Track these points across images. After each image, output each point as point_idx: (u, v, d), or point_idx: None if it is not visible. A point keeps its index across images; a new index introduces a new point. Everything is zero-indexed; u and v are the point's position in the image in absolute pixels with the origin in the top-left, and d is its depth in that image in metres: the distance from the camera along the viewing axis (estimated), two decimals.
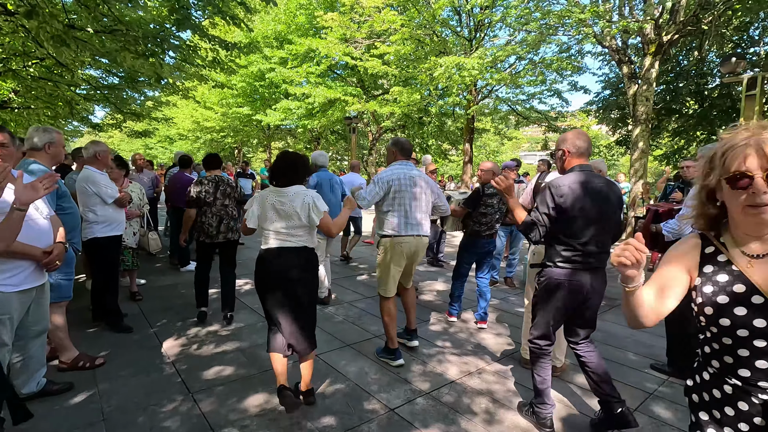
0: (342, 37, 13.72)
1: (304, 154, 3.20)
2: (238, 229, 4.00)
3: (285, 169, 2.52)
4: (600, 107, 16.35)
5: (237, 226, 4.02)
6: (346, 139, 23.07)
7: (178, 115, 23.69)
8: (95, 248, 3.52)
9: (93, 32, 6.31)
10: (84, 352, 3.03)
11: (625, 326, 4.17)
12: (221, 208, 3.92)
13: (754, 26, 13.15)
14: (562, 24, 10.39)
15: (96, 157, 3.54)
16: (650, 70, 10.07)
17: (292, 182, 2.51)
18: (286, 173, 2.51)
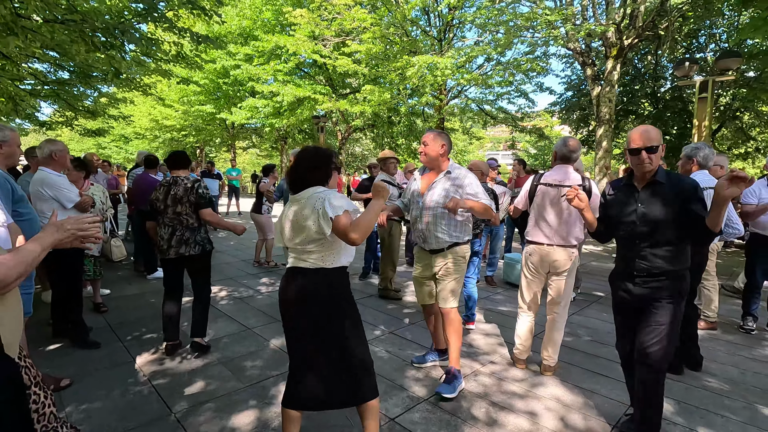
0: (310, 34, 13.43)
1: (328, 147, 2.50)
2: (199, 242, 3.25)
3: (297, 167, 2.02)
4: (563, 108, 16.94)
5: (198, 238, 3.25)
6: (314, 139, 22.69)
7: (135, 112, 22.47)
8: (55, 257, 3.18)
9: (42, 21, 5.81)
10: (47, 373, 2.73)
11: (608, 321, 4.27)
12: (173, 217, 3.19)
13: (701, 33, 14.02)
14: (530, 26, 10.62)
15: (52, 157, 3.21)
16: (612, 73, 10.50)
17: (307, 183, 1.99)
18: (298, 171, 2.00)
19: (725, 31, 13.40)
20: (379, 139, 20.45)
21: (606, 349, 3.58)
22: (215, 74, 17.76)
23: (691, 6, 10.16)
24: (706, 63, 12.79)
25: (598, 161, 11.01)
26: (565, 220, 2.89)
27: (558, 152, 2.97)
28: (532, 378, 3.03)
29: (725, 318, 4.37)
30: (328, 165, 2.02)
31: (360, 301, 4.79)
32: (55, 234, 1.41)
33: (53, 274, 3.29)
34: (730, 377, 3.10)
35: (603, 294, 5.31)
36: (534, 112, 16.40)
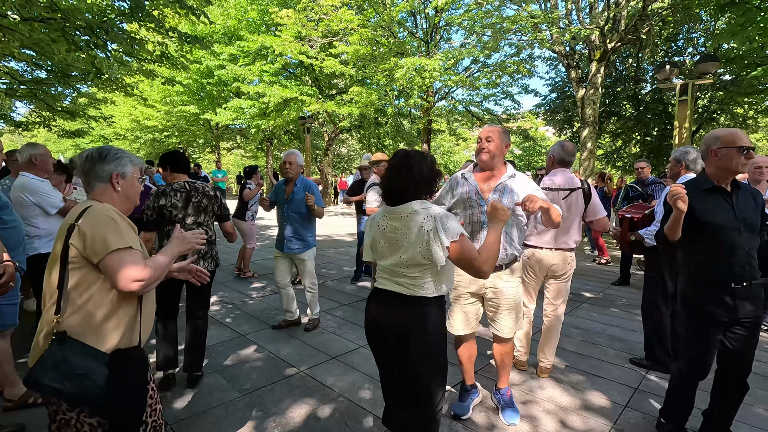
0: (297, 35, 13.34)
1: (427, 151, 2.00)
2: (214, 256, 2.96)
3: (396, 175, 1.73)
4: (548, 109, 17.21)
5: (213, 252, 2.96)
6: (300, 140, 22.54)
7: (116, 113, 21.95)
8: (39, 266, 3.08)
9: (20, 20, 5.62)
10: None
11: (598, 322, 4.34)
12: (193, 228, 2.85)
13: (679, 37, 14.42)
14: (519, 29, 10.76)
15: (32, 161, 3.08)
16: (596, 75, 10.70)
17: (408, 197, 1.72)
18: (398, 182, 1.72)
19: (703, 36, 13.82)
20: (366, 140, 20.42)
21: (598, 350, 3.63)
22: (199, 74, 17.50)
23: (671, 11, 10.42)
24: (684, 66, 13.15)
25: (583, 162, 11.21)
26: (567, 224, 2.92)
27: (556, 156, 3.00)
28: (529, 381, 3.05)
29: None
30: (435, 176, 1.76)
31: (353, 305, 4.77)
32: (180, 246, 1.58)
33: (38, 282, 3.16)
34: None
35: (592, 294, 5.40)
36: (519, 114, 16.64)
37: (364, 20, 11.94)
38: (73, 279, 1.36)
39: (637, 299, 4.79)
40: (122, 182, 1.54)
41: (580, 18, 11.19)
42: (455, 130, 18.38)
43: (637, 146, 16.90)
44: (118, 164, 1.54)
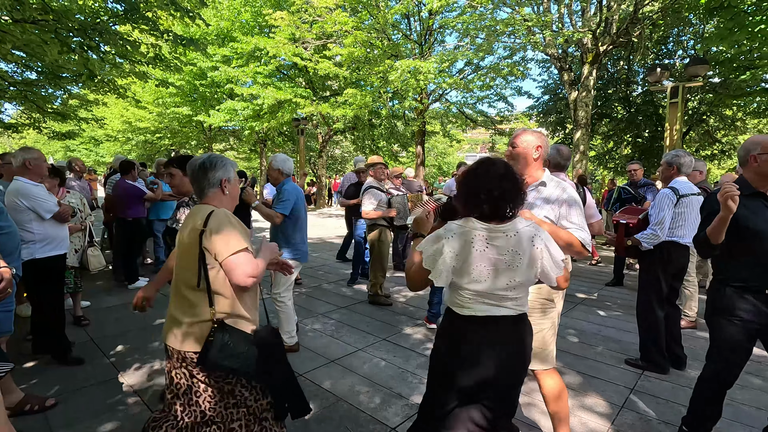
0: (291, 36, 13.32)
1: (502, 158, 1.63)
2: None
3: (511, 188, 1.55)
4: (540, 111, 17.35)
5: None
6: (294, 141, 22.49)
7: (107, 114, 21.75)
8: (34, 271, 3.05)
9: (12, 21, 5.56)
10: (30, 393, 2.61)
11: (593, 323, 4.39)
12: None
13: (669, 40, 14.62)
14: (512, 31, 10.83)
15: (26, 166, 3.06)
16: (588, 78, 10.81)
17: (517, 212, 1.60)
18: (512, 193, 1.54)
19: (692, 39, 14.02)
20: (360, 142, 20.44)
21: (593, 351, 3.67)
22: (192, 75, 17.39)
23: (661, 15, 10.57)
24: (675, 69, 13.34)
25: (576, 164, 11.31)
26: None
27: (552, 161, 3.03)
28: (526, 383, 3.07)
29: (702, 315, 4.55)
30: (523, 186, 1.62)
31: (350, 307, 4.77)
32: (271, 254, 1.82)
33: (33, 287, 3.13)
34: None
35: (586, 296, 5.45)
36: (512, 115, 16.74)
37: (358, 22, 11.96)
38: (212, 276, 1.63)
39: (630, 300, 4.85)
40: (228, 186, 1.80)
41: (573, 21, 11.31)
42: (449, 132, 18.46)
43: (629, 148, 17.09)
44: (225, 171, 1.78)
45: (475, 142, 54.22)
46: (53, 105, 12.68)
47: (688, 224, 3.17)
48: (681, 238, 3.18)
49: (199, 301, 1.64)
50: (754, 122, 16.22)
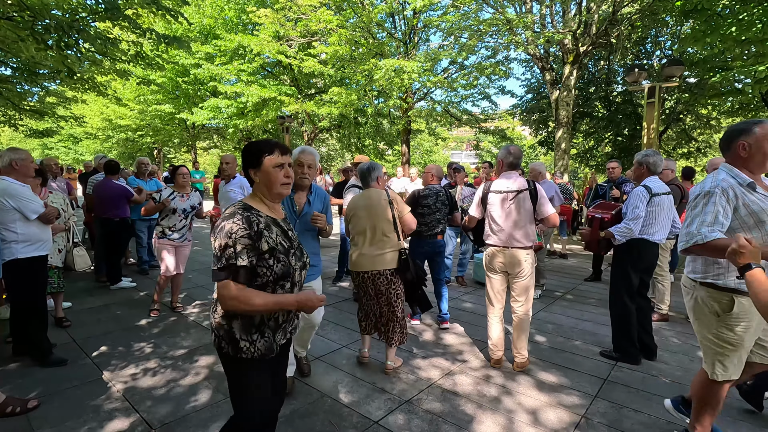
0: (275, 34, 13.23)
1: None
2: None
3: None
4: (524, 110, 17.59)
5: None
6: (280, 139, 22.32)
7: (86, 111, 21.25)
8: (16, 271, 3.03)
9: None
10: (11, 395, 2.60)
11: (571, 317, 4.54)
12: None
13: (647, 41, 14.97)
14: (495, 31, 10.97)
15: (12, 166, 3.05)
16: (570, 78, 11.03)
17: None
18: None
19: (669, 40, 14.39)
20: (346, 140, 20.39)
21: (571, 344, 3.80)
22: (174, 72, 17.12)
23: (639, 16, 10.83)
24: (652, 69, 13.67)
25: (557, 161, 11.54)
26: (517, 223, 3.10)
27: (504, 160, 3.19)
28: (505, 375, 3.19)
29: (673, 309, 4.74)
30: None
31: (335, 305, 4.83)
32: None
33: (13, 288, 3.11)
34: (682, 364, 3.39)
35: (565, 291, 5.61)
36: (496, 114, 16.92)
37: (342, 21, 11.96)
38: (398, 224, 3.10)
39: (608, 294, 5.01)
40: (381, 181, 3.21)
41: (554, 22, 11.51)
42: (434, 130, 18.56)
43: (609, 146, 17.46)
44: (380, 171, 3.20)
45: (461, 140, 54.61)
46: (30, 102, 12.37)
47: (658, 222, 3.31)
48: (651, 235, 3.32)
49: (393, 237, 3.00)
50: (728, 121, 16.72)
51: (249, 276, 1.49)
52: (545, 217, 3.12)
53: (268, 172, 1.59)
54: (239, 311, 1.51)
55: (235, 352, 1.56)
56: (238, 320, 1.56)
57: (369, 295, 3.16)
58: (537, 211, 3.10)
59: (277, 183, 1.61)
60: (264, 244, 1.52)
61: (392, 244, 2.99)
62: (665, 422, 2.56)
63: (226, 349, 1.58)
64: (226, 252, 1.45)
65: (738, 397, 2.73)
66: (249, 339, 1.57)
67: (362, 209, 3.05)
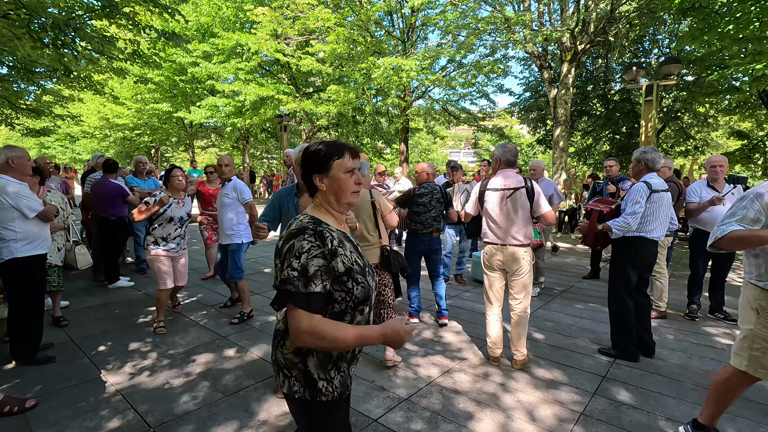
0: (273, 33, 13.21)
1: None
2: None
3: None
4: (522, 108, 17.60)
5: None
6: (278, 138, 22.31)
7: (83, 110, 21.18)
8: (15, 270, 3.02)
9: None
10: (8, 395, 2.59)
11: (570, 315, 4.54)
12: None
13: (645, 39, 14.99)
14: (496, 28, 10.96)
15: (9, 164, 3.03)
16: (567, 76, 11.03)
17: None
18: None
19: (667, 38, 14.41)
20: (344, 139, 20.37)
21: (569, 341, 3.81)
22: (171, 71, 17.07)
23: (637, 14, 10.84)
24: (650, 67, 13.69)
25: (556, 160, 11.55)
26: (514, 221, 3.11)
27: (501, 158, 3.19)
28: (504, 372, 3.19)
29: (671, 306, 4.76)
30: None
31: None
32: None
33: (11, 287, 3.09)
34: (680, 361, 3.40)
35: (564, 288, 5.62)
36: (494, 112, 16.94)
37: (340, 19, 11.94)
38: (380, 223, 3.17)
39: (606, 291, 5.02)
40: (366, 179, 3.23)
41: (552, 20, 11.51)
42: (433, 129, 18.57)
43: (607, 144, 17.49)
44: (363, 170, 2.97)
45: (459, 138, 54.66)
46: (26, 101, 12.32)
47: (657, 219, 3.31)
48: (649, 232, 3.32)
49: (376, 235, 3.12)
50: (726, 119, 16.79)
51: (324, 303, 1.24)
52: (542, 215, 3.12)
53: (338, 179, 1.35)
54: (315, 347, 1.25)
55: (313, 396, 1.30)
56: (314, 356, 1.30)
57: None
58: (534, 208, 3.11)
59: (348, 191, 1.37)
60: (339, 265, 1.26)
61: (375, 241, 3.11)
62: (664, 419, 2.57)
63: (301, 393, 1.30)
64: (296, 276, 1.19)
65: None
66: (327, 377, 1.31)
67: None
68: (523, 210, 3.09)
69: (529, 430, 2.46)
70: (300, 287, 1.19)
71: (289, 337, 1.31)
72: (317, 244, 1.22)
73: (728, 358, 2.26)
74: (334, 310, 1.29)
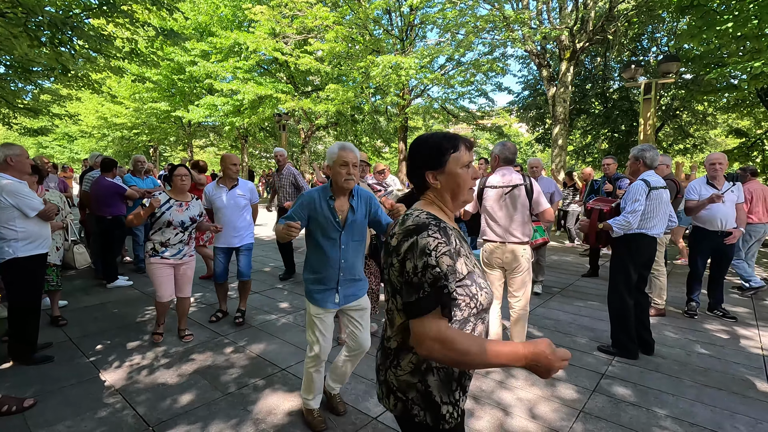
0: (271, 31, 13.17)
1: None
2: None
3: None
4: (521, 107, 17.61)
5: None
6: (276, 137, 22.28)
7: (81, 109, 21.13)
8: (16, 270, 3.00)
9: None
10: (7, 394, 2.59)
11: (569, 312, 4.54)
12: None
13: (644, 37, 14.99)
14: (494, 26, 10.95)
15: (7, 162, 3.01)
16: (566, 74, 11.03)
17: None
18: None
19: (665, 36, 14.41)
20: (343, 138, 20.35)
21: (569, 339, 3.81)
22: (169, 70, 17.02)
23: (635, 12, 10.84)
24: (649, 65, 13.69)
25: (555, 158, 11.55)
26: (513, 219, 3.11)
27: (500, 156, 3.19)
28: (503, 370, 3.19)
29: (670, 303, 4.76)
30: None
31: None
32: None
33: (12, 286, 3.07)
34: (679, 359, 3.40)
35: (564, 287, 5.62)
36: (493, 111, 16.93)
37: (339, 17, 11.91)
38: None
39: (605, 290, 5.02)
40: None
41: (550, 18, 11.50)
42: (431, 128, 18.54)
43: (606, 142, 17.50)
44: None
45: None
46: (24, 100, 12.27)
47: (656, 216, 3.32)
48: (649, 230, 3.33)
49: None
50: (724, 117, 16.81)
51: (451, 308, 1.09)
52: (541, 212, 3.12)
53: (455, 174, 1.21)
54: (441, 359, 1.05)
55: (435, 422, 1.14)
56: (435, 375, 1.14)
57: None
58: (533, 206, 3.10)
59: (466, 187, 1.23)
60: (462, 266, 1.12)
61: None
62: (663, 416, 2.57)
63: (421, 417, 1.14)
64: (426, 275, 1.04)
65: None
66: (451, 400, 1.15)
67: None
68: (522, 207, 3.09)
69: (528, 427, 2.46)
70: (427, 288, 1.04)
71: (404, 356, 1.16)
72: (444, 241, 1.08)
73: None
74: (457, 318, 1.13)
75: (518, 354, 1.02)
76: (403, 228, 1.13)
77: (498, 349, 1.02)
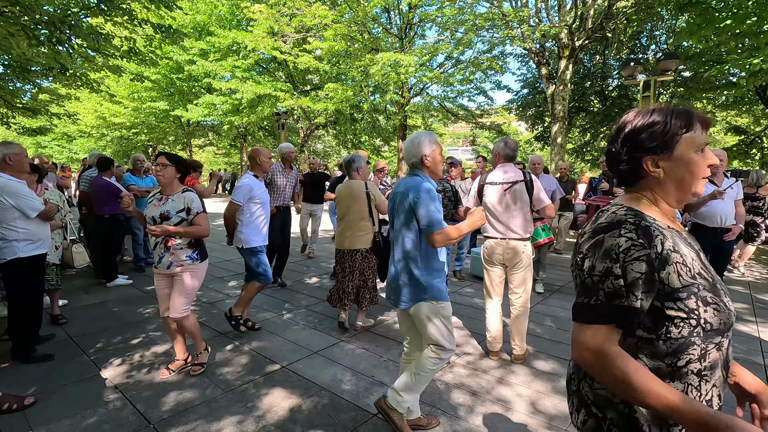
0: (269, 30, 13.16)
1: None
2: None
3: None
4: (520, 105, 17.61)
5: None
6: (275, 136, 22.28)
7: (80, 109, 21.09)
8: (18, 270, 3.00)
9: None
10: (7, 392, 2.58)
11: (568, 309, 4.54)
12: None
13: (642, 35, 15.00)
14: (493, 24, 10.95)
15: (6, 161, 3.00)
16: (565, 72, 11.03)
17: None
18: None
19: (664, 33, 14.42)
20: (342, 136, 20.36)
21: (569, 335, 3.81)
22: (168, 69, 17.00)
23: (634, 10, 10.85)
24: (648, 63, 13.70)
25: (554, 156, 11.56)
26: (514, 215, 3.12)
27: (501, 152, 3.19)
28: (504, 367, 3.20)
29: None
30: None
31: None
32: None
33: (13, 286, 3.07)
34: None
35: (564, 283, 5.63)
36: (492, 109, 16.93)
37: (338, 16, 11.90)
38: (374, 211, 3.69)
39: None
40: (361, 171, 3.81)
41: (549, 16, 11.51)
42: (431, 126, 18.55)
43: (605, 140, 17.50)
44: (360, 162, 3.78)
45: (457, 136, 54.63)
46: (22, 100, 12.24)
47: None
48: None
49: (369, 223, 3.65)
50: (723, 114, 16.82)
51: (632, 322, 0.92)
52: (542, 208, 3.13)
53: (688, 160, 0.97)
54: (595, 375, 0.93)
55: None
56: None
57: (345, 272, 3.77)
58: (533, 202, 3.11)
59: (700, 176, 0.99)
60: (674, 278, 0.91)
61: (368, 229, 3.64)
62: None
63: None
64: (605, 283, 0.90)
65: None
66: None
67: (345, 198, 3.71)
68: (522, 204, 3.10)
69: (529, 423, 2.47)
70: (602, 297, 0.90)
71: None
72: (640, 243, 0.90)
73: None
74: (672, 335, 0.92)
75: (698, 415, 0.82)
76: (594, 225, 0.97)
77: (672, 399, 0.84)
